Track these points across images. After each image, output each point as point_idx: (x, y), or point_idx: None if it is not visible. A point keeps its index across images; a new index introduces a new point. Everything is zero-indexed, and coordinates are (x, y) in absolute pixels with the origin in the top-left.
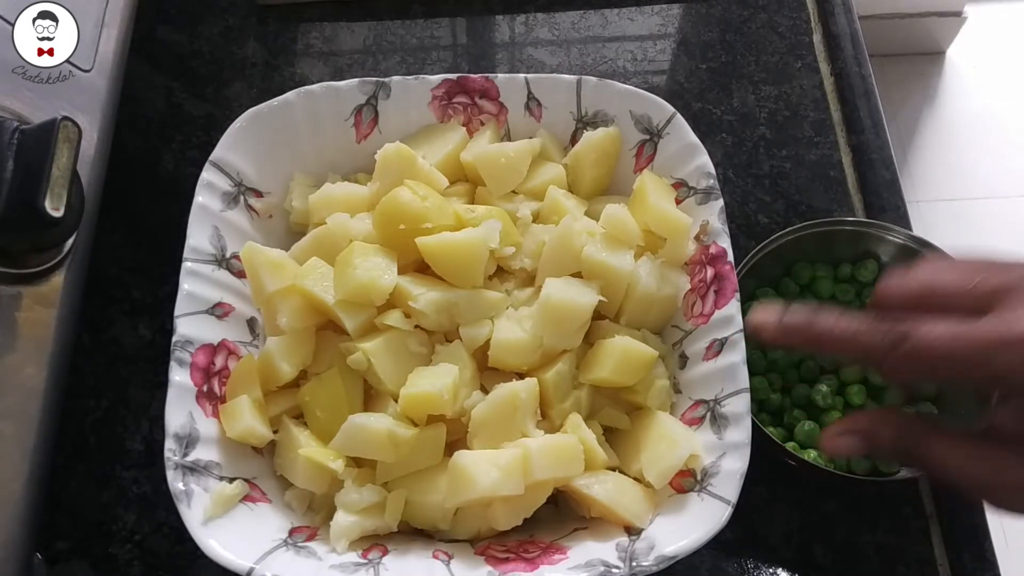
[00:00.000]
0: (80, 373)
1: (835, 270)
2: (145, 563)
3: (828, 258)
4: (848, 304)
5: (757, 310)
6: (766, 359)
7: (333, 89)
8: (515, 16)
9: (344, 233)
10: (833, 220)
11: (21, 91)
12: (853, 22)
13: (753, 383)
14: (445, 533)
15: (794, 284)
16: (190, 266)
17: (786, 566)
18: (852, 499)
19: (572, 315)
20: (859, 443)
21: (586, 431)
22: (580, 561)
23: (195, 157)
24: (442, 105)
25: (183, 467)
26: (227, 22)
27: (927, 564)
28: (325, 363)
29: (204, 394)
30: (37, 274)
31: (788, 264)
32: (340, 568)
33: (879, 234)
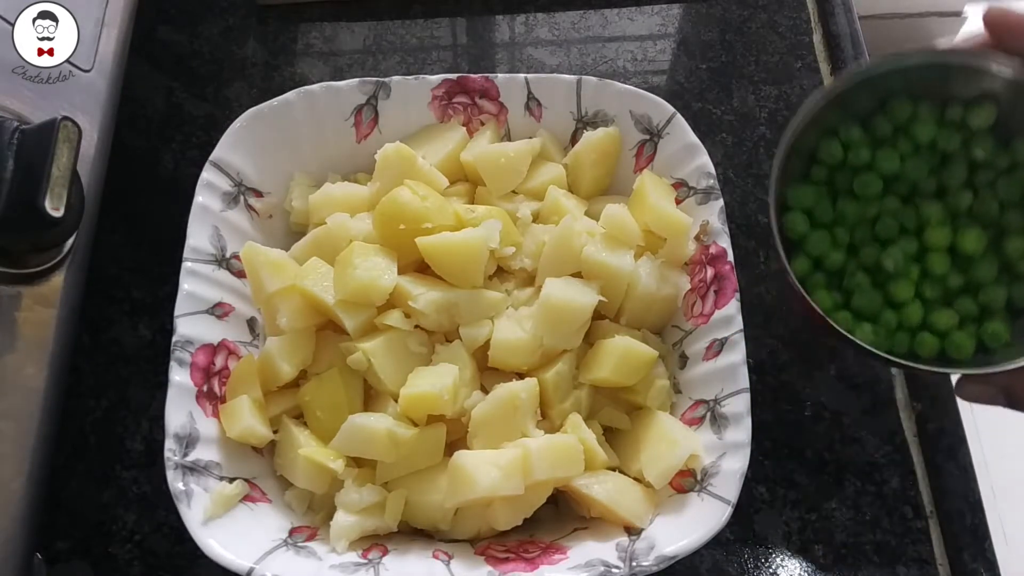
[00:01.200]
0: (80, 373)
1: (942, 111)
2: (145, 563)
3: (937, 96)
4: (952, 156)
5: None
6: (834, 209)
7: (333, 89)
8: (515, 16)
9: (344, 233)
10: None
11: (21, 91)
12: (853, 22)
13: (814, 237)
14: (445, 533)
15: (887, 124)
16: (190, 266)
17: (786, 566)
18: (852, 499)
19: (572, 315)
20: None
21: (586, 431)
22: (580, 561)
23: (195, 157)
24: (442, 105)
25: (183, 467)
26: (227, 22)
27: (927, 564)
28: (325, 363)
29: (204, 394)
30: (37, 274)
31: (885, 98)
32: (340, 568)
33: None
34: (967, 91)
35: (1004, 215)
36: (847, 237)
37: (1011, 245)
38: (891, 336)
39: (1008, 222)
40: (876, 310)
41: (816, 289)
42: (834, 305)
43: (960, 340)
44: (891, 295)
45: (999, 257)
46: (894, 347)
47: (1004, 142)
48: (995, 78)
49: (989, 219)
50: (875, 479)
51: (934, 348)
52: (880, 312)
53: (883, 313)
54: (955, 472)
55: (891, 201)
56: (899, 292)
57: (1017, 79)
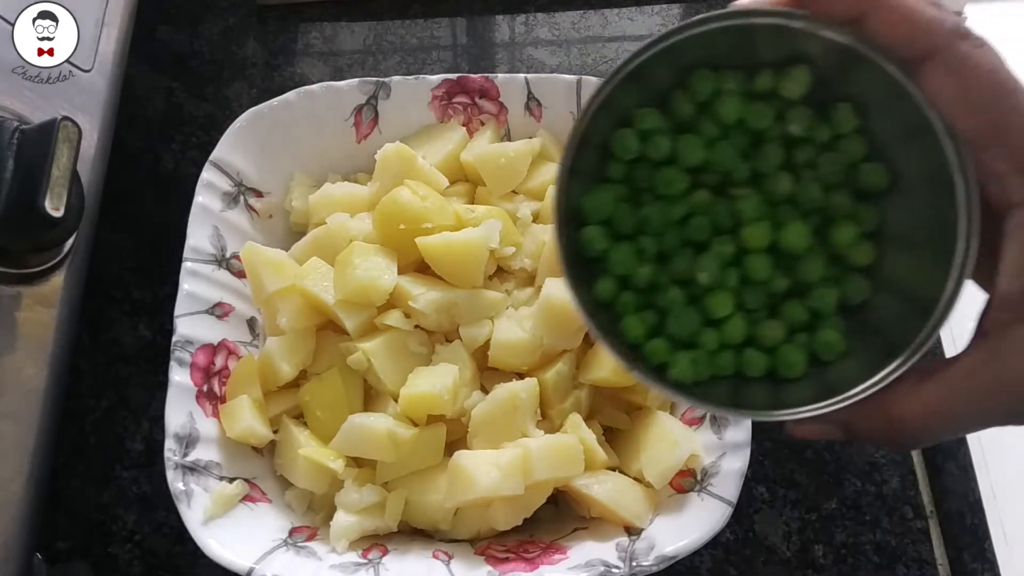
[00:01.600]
0: (80, 373)
1: (750, 82)
2: (145, 563)
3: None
4: (764, 134)
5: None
6: (636, 214)
7: (333, 89)
8: (515, 16)
9: (344, 233)
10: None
11: (21, 91)
12: None
13: (616, 252)
14: (445, 533)
15: (688, 103)
16: (190, 266)
17: (786, 566)
18: (852, 499)
19: (572, 315)
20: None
21: (586, 431)
22: (580, 561)
23: (195, 157)
24: (442, 105)
25: (183, 467)
26: (227, 22)
27: (927, 564)
28: (325, 363)
29: (204, 394)
30: (37, 274)
31: (686, 72)
32: (340, 568)
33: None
34: (776, 56)
35: (829, 198)
36: (656, 246)
37: (839, 234)
38: (713, 360)
39: (834, 206)
40: (694, 331)
41: (626, 313)
42: (648, 332)
43: (789, 355)
44: (709, 311)
45: (828, 249)
46: (718, 370)
47: (823, 113)
48: (806, 38)
49: (813, 205)
50: (875, 479)
51: (762, 366)
52: (699, 332)
53: (703, 333)
54: (955, 472)
55: (701, 196)
56: (716, 307)
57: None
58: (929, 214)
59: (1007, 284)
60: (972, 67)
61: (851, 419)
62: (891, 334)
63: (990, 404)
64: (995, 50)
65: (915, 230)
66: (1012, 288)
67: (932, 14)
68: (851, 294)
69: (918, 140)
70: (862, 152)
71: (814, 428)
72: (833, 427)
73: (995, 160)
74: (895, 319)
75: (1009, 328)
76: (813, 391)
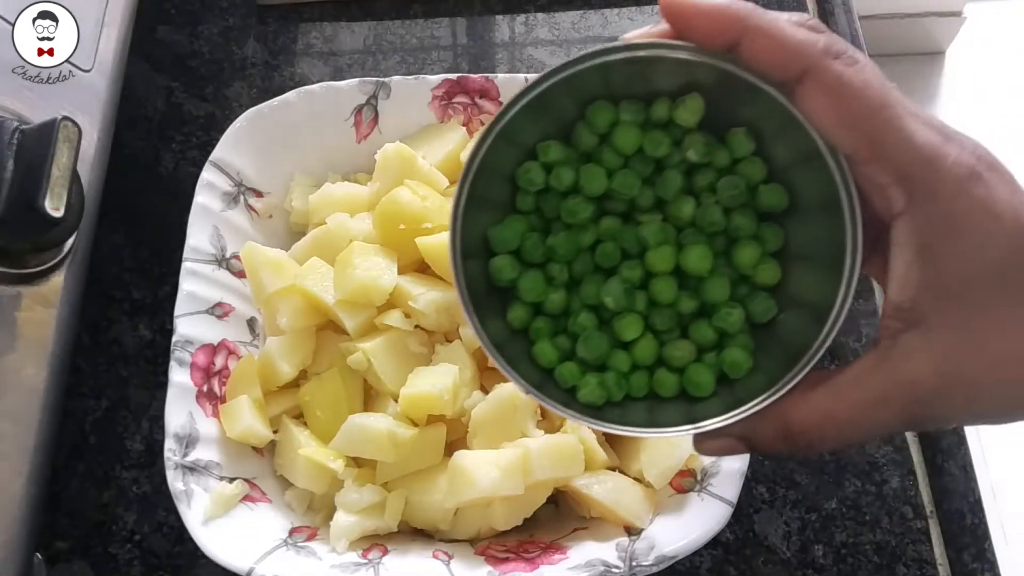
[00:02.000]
0: (80, 373)
1: (647, 112)
2: (145, 563)
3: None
4: (664, 161)
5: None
6: (543, 243)
7: (333, 89)
8: (515, 16)
9: (344, 233)
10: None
11: (21, 91)
12: (853, 22)
13: (526, 281)
14: (445, 533)
15: (590, 134)
16: (190, 266)
17: (786, 566)
18: (852, 499)
19: None
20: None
21: (586, 431)
22: (580, 561)
23: (195, 157)
24: (442, 105)
25: (183, 467)
26: (227, 22)
27: (927, 564)
28: (325, 363)
29: (204, 394)
30: (37, 274)
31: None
32: (340, 568)
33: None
34: (671, 85)
35: (731, 221)
36: (565, 273)
37: (741, 255)
38: (624, 381)
39: (735, 228)
40: (603, 353)
41: (540, 339)
42: (560, 356)
43: (697, 375)
44: (617, 334)
45: (734, 270)
46: (633, 391)
47: (720, 137)
48: (695, 67)
49: (715, 228)
50: (875, 479)
51: (673, 386)
52: (610, 355)
53: (614, 355)
54: (955, 472)
55: (608, 223)
56: (625, 330)
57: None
58: (826, 231)
59: (895, 294)
60: (844, 85)
61: (750, 431)
62: (795, 348)
63: (881, 409)
64: (868, 66)
65: (816, 247)
66: (900, 297)
67: (803, 36)
68: (758, 313)
69: (810, 160)
70: (761, 175)
71: (716, 444)
72: (735, 440)
73: (876, 174)
74: (800, 333)
75: (899, 335)
76: (723, 407)
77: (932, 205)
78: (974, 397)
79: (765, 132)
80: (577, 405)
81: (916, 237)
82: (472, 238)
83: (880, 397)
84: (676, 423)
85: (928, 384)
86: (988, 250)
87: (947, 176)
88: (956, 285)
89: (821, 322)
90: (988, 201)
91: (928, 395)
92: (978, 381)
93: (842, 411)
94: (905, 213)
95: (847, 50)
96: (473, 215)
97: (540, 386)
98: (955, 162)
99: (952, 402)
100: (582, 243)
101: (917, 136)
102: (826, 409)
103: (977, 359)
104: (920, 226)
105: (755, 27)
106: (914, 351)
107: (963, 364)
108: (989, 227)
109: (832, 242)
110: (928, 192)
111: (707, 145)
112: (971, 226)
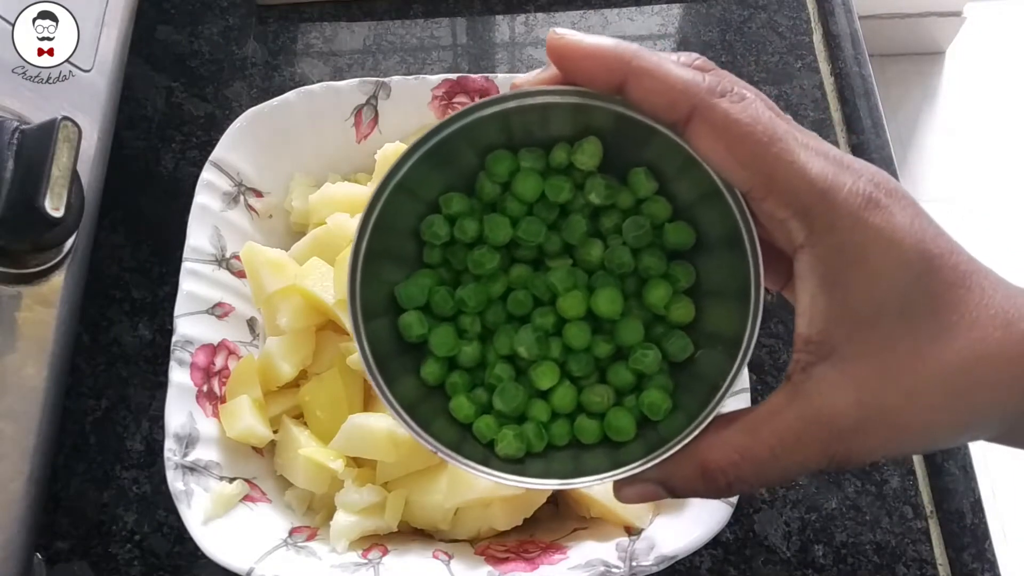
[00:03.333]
0: (80, 373)
1: (546, 157)
2: (145, 563)
3: (543, 140)
4: (568, 206)
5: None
6: (452, 296)
7: (333, 89)
8: (515, 16)
9: (344, 233)
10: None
11: (21, 91)
12: (853, 22)
13: (437, 336)
14: (445, 533)
15: (491, 183)
16: (190, 266)
17: (786, 566)
18: (852, 499)
19: None
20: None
21: None
22: (580, 561)
23: (195, 157)
24: (442, 105)
25: (183, 467)
26: (227, 22)
27: (927, 564)
28: (325, 363)
29: (204, 394)
30: (37, 274)
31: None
32: (340, 568)
33: (588, 102)
34: (569, 130)
35: (639, 261)
36: (477, 324)
37: (652, 294)
38: (544, 431)
39: (645, 268)
40: (522, 404)
41: (456, 393)
42: (478, 409)
43: (616, 420)
44: (534, 383)
45: (646, 310)
46: (553, 440)
47: (623, 179)
48: (590, 111)
49: (624, 270)
50: (875, 479)
51: (595, 433)
52: (528, 405)
53: (533, 405)
54: (955, 472)
55: (518, 271)
56: (540, 379)
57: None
58: (733, 266)
59: (803, 326)
60: (732, 123)
61: (667, 475)
62: (714, 384)
63: (800, 445)
64: (756, 101)
65: (726, 282)
66: (808, 330)
67: (688, 76)
68: (674, 352)
69: (710, 197)
70: (666, 213)
71: (633, 491)
72: (653, 486)
73: (774, 209)
74: (718, 368)
75: (810, 368)
76: (645, 450)
77: (831, 236)
78: (897, 427)
79: (666, 171)
80: (497, 461)
81: (819, 269)
82: (379, 295)
83: (797, 432)
84: (602, 469)
85: (848, 417)
86: (890, 278)
87: (843, 206)
88: (863, 315)
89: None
90: (888, 229)
91: (848, 428)
92: (898, 410)
93: (759, 449)
94: (805, 246)
95: (733, 87)
96: (379, 272)
97: (460, 443)
98: (851, 191)
99: (874, 434)
100: (492, 293)
101: (810, 168)
102: (742, 447)
103: (893, 389)
104: (821, 258)
105: (639, 68)
106: (828, 383)
107: (880, 395)
108: (890, 255)
109: (741, 276)
110: (826, 224)
111: (608, 187)
112: (872, 255)
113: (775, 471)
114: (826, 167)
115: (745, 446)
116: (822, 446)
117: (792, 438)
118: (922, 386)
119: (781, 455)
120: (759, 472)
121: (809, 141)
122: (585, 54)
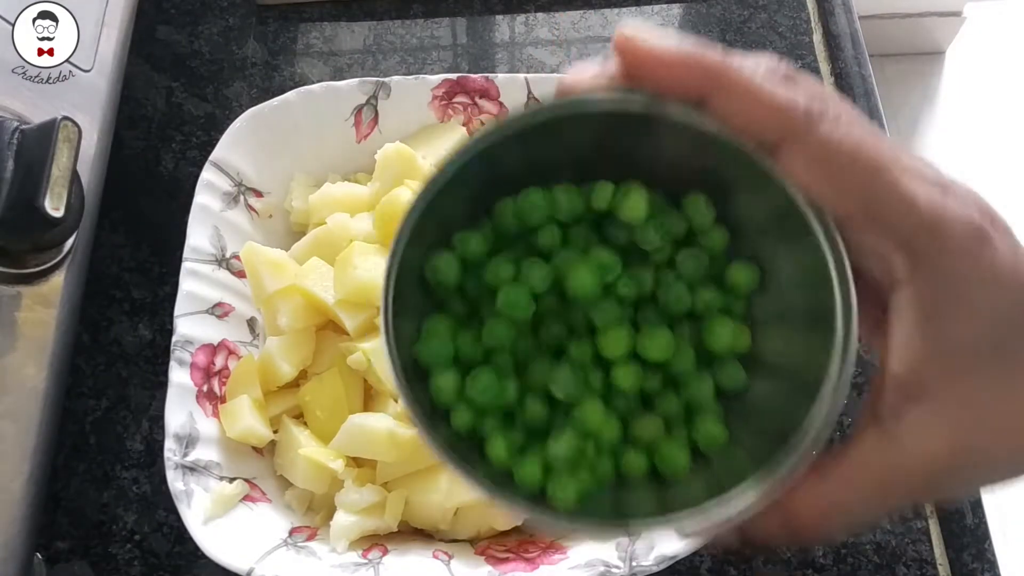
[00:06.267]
0: (80, 373)
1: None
2: (145, 563)
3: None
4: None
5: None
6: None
7: (333, 89)
8: (515, 16)
9: (344, 233)
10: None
11: (21, 91)
12: (853, 22)
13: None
14: (445, 533)
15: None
16: (190, 266)
17: (786, 566)
18: None
19: None
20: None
21: None
22: (580, 561)
23: (195, 157)
24: (442, 105)
25: (183, 467)
26: (227, 22)
27: (927, 564)
28: (325, 363)
29: (204, 394)
30: (37, 274)
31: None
32: (340, 568)
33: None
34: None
35: (696, 296)
36: (511, 361)
37: (716, 337)
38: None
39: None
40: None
41: (492, 435)
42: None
43: (670, 453)
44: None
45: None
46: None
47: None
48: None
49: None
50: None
51: (642, 467)
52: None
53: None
54: None
55: (550, 300)
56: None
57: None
58: (802, 293)
59: (897, 365)
60: (835, 150)
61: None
62: (777, 418)
63: (893, 490)
64: (857, 121)
65: (791, 311)
66: (901, 369)
67: (783, 97)
68: (728, 383)
69: (783, 219)
70: (723, 244)
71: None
72: (726, 533)
73: (874, 241)
74: (780, 401)
75: (901, 410)
76: (701, 488)
77: (937, 272)
78: (985, 467)
79: (728, 187)
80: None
81: (918, 305)
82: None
83: (891, 479)
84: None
85: (941, 462)
86: (990, 315)
87: (952, 240)
88: (958, 354)
89: (808, 391)
90: (993, 263)
91: (943, 472)
92: (986, 450)
93: (853, 500)
94: (907, 281)
95: (829, 106)
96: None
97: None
98: (960, 223)
99: (967, 476)
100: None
101: (917, 197)
102: (836, 500)
103: (986, 429)
104: (922, 293)
105: (729, 84)
106: (922, 426)
107: (974, 437)
108: (990, 290)
109: (809, 304)
110: (933, 258)
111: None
112: (975, 291)
113: (863, 520)
114: (932, 194)
115: (838, 499)
116: (909, 491)
117: (887, 485)
118: (1012, 424)
119: (872, 504)
120: (849, 520)
121: (910, 162)
122: (662, 61)
